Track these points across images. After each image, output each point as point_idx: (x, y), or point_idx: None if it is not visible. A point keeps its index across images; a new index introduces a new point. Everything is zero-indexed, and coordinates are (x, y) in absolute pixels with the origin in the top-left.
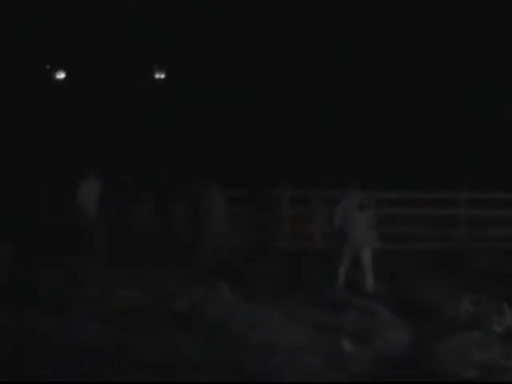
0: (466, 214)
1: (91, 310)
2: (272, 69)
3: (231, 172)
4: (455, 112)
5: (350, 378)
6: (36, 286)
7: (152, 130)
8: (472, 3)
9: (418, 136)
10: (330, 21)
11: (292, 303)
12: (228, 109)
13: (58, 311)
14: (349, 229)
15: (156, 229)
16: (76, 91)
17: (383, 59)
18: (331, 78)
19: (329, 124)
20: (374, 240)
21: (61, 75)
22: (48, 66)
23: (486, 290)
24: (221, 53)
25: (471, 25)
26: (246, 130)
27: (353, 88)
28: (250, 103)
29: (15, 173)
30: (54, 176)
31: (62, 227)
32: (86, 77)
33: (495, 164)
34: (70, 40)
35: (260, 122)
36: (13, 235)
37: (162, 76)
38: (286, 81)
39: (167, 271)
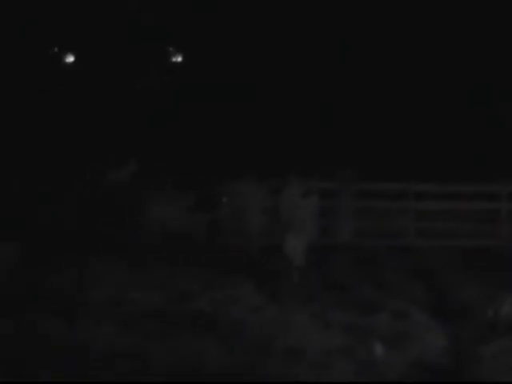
0: (508, 209)
1: (105, 313)
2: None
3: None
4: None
5: None
6: (44, 288)
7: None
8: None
9: (444, 126)
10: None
11: (321, 304)
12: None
13: (68, 315)
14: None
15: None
16: (86, 76)
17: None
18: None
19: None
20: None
21: (70, 58)
22: (56, 49)
23: None
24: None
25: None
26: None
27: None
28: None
29: (18, 164)
30: (60, 168)
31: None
32: (97, 61)
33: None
34: (80, 22)
35: (267, 122)
36: (16, 234)
37: (179, 59)
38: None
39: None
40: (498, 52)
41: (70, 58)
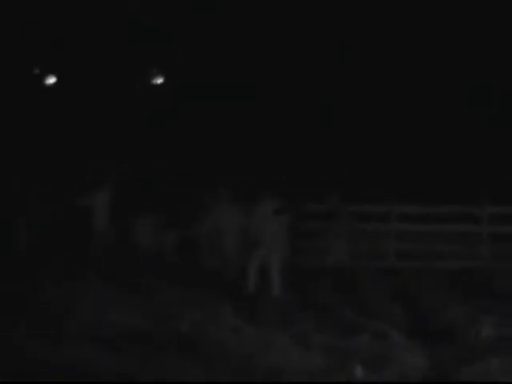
0: (490, 231)
1: (85, 335)
2: (274, 69)
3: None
4: (465, 120)
5: None
6: (30, 306)
7: (151, 131)
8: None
9: (428, 146)
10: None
11: (300, 325)
12: (230, 109)
13: (51, 335)
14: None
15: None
16: (67, 96)
17: (389, 61)
18: (331, 82)
19: (334, 134)
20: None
21: (51, 80)
22: (37, 71)
23: (511, 313)
24: (223, 53)
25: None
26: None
27: (355, 92)
28: (251, 103)
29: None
30: (46, 184)
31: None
32: (78, 81)
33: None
34: (60, 43)
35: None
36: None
37: (160, 81)
38: (287, 82)
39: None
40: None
41: (51, 80)
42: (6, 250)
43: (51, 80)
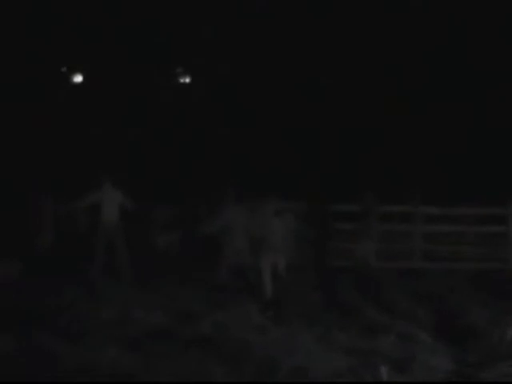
0: None
1: (109, 334)
2: (289, 69)
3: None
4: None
5: None
6: (47, 307)
7: (174, 134)
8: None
9: (453, 147)
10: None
11: (327, 326)
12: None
13: (72, 335)
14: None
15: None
16: (93, 94)
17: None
18: (352, 85)
19: (359, 137)
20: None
21: (78, 78)
22: (64, 69)
23: None
24: (234, 56)
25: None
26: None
27: (378, 92)
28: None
29: (23, 179)
30: (65, 184)
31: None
32: (104, 80)
33: None
34: (87, 43)
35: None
36: (19, 251)
37: (187, 80)
38: (303, 82)
39: (190, 290)
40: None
41: (78, 78)
42: (27, 250)
43: (78, 78)
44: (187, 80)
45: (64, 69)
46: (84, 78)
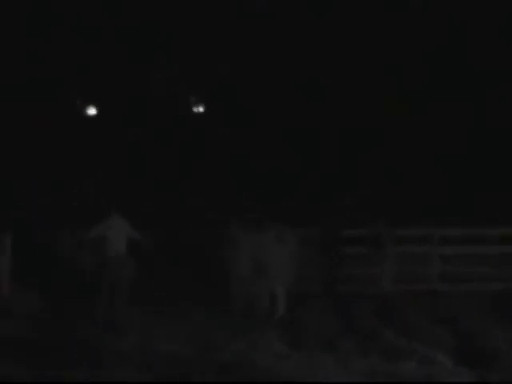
0: None
1: (128, 363)
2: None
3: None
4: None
5: None
6: (68, 338)
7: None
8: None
9: (467, 168)
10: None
11: (346, 351)
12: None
13: (92, 365)
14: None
15: None
16: (108, 126)
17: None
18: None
19: (371, 158)
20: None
21: (92, 111)
22: (78, 101)
23: None
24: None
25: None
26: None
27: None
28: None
29: (39, 211)
30: (80, 216)
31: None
32: (118, 112)
33: None
34: (101, 74)
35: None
36: (37, 282)
37: (201, 109)
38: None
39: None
40: None
41: (92, 111)
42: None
43: (92, 111)
44: (201, 109)
45: (78, 101)
46: (98, 110)
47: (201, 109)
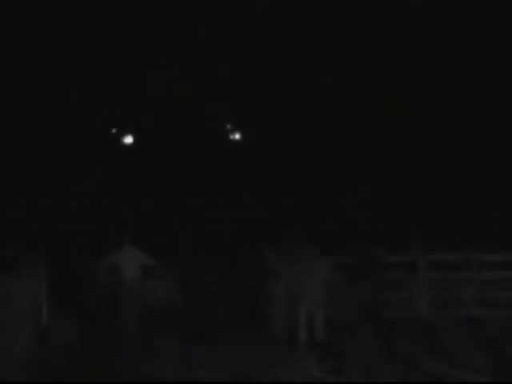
0: None
1: None
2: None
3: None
4: None
5: None
6: (109, 369)
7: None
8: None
9: (502, 192)
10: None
11: (388, 377)
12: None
13: None
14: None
15: None
16: (144, 155)
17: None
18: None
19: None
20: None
21: (128, 139)
22: (114, 130)
23: None
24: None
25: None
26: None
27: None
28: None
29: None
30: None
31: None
32: (155, 140)
33: None
34: (138, 103)
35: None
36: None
37: (237, 137)
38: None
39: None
40: None
41: (129, 139)
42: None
43: (129, 139)
44: (237, 137)
45: (114, 130)
46: (134, 139)
47: (237, 136)
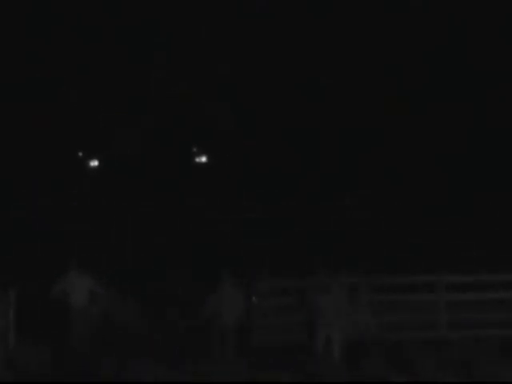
0: None
1: None
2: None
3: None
4: None
5: None
6: None
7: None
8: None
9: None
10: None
11: None
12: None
13: None
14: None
15: None
16: (110, 178)
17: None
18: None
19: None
20: None
21: (94, 163)
22: (80, 154)
23: None
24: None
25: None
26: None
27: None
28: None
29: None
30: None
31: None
32: (121, 164)
33: None
34: (103, 127)
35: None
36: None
37: (203, 160)
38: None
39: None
40: None
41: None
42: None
43: (94, 163)
44: (203, 159)
45: (80, 153)
46: (100, 162)
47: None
